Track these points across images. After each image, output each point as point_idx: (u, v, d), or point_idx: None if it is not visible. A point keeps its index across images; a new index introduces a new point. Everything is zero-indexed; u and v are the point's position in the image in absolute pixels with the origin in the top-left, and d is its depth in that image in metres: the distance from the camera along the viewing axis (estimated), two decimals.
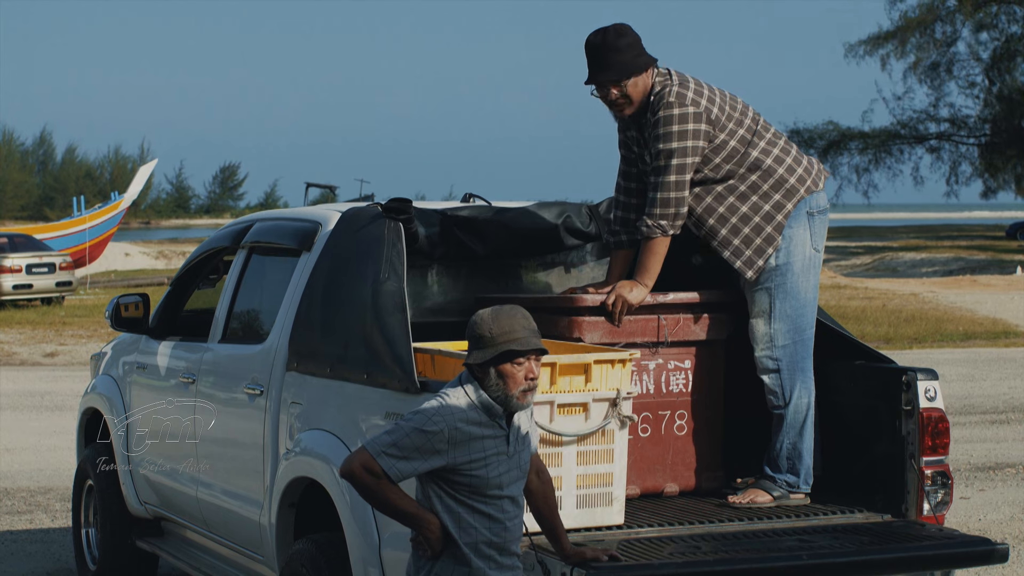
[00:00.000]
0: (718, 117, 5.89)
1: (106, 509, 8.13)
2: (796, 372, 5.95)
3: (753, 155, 5.94)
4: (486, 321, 4.55)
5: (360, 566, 5.55)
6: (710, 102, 5.90)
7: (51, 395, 17.70)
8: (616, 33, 5.93)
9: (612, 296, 5.85)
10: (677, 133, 5.83)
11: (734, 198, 5.92)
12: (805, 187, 5.99)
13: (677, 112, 5.84)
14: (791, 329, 5.94)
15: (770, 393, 5.98)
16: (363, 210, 6.23)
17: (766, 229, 5.92)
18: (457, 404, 4.54)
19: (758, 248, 5.91)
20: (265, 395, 6.42)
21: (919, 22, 56.61)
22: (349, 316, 5.86)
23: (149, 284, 38.26)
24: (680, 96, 5.86)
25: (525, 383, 4.53)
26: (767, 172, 5.94)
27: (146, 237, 77.83)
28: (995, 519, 10.25)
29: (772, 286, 5.93)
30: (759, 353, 5.97)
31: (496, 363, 4.52)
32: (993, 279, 38.40)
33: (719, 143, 5.90)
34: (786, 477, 5.95)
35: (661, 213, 5.87)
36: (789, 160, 6.00)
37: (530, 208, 6.50)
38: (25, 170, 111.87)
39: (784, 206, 5.93)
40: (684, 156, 5.83)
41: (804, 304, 5.96)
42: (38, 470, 12.53)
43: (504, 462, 4.58)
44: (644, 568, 4.99)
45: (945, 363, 19.81)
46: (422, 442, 4.48)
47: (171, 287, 7.92)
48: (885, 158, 59.91)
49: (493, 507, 4.57)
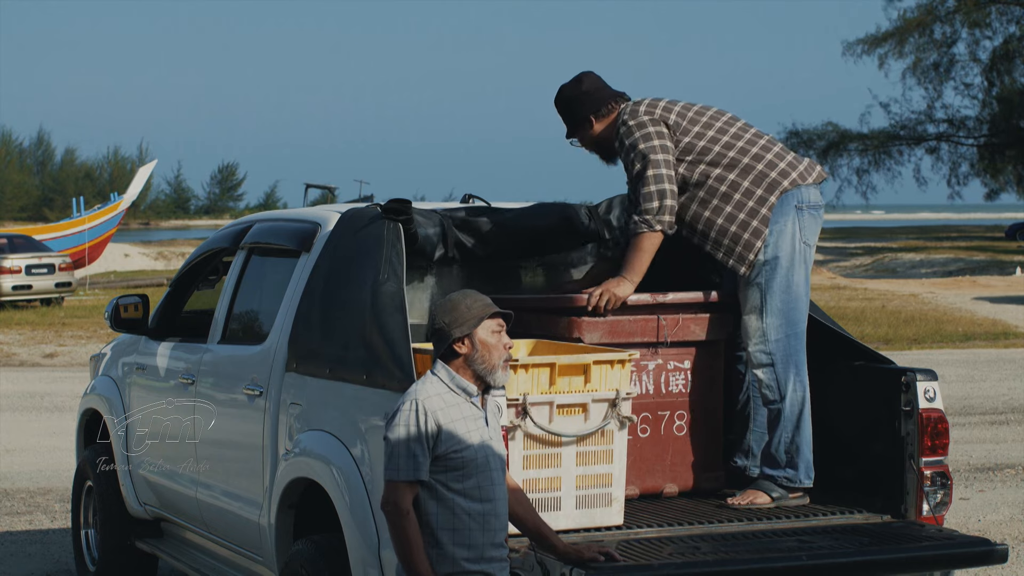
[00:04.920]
0: (677, 122, 6.05)
1: (105, 510, 8.12)
2: (790, 366, 5.96)
3: (730, 155, 6.02)
4: (456, 300, 4.78)
5: (359, 567, 5.55)
6: (665, 111, 6.08)
7: (50, 396, 17.70)
8: (560, 94, 6.26)
9: (599, 290, 5.89)
10: (640, 137, 6.00)
11: (717, 200, 5.99)
12: (789, 180, 6.02)
13: (633, 122, 6.05)
14: (783, 323, 5.96)
15: (765, 388, 5.99)
16: (362, 211, 6.23)
17: (752, 223, 5.96)
18: (432, 390, 4.68)
19: (746, 243, 5.95)
20: (264, 396, 6.41)
21: (918, 23, 56.62)
22: (348, 317, 5.86)
23: (148, 285, 38.26)
24: (633, 112, 6.09)
25: (505, 352, 4.74)
26: (746, 169, 6.01)
27: (145, 238, 77.82)
28: (994, 520, 10.25)
29: (762, 281, 5.96)
30: (752, 348, 5.99)
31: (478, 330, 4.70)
32: (993, 280, 38.41)
33: (686, 145, 6.02)
34: (785, 472, 5.95)
35: (644, 208, 5.94)
36: (770, 156, 6.07)
37: (530, 208, 6.51)
38: (24, 171, 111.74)
39: (767, 200, 5.98)
40: (652, 153, 5.96)
41: (796, 298, 5.98)
42: (37, 471, 12.53)
43: (486, 445, 4.67)
44: (644, 569, 4.99)
45: (944, 364, 19.81)
46: (416, 434, 4.59)
47: (170, 288, 7.92)
48: (884, 160, 59.93)
49: (483, 491, 4.65)
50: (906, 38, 56.77)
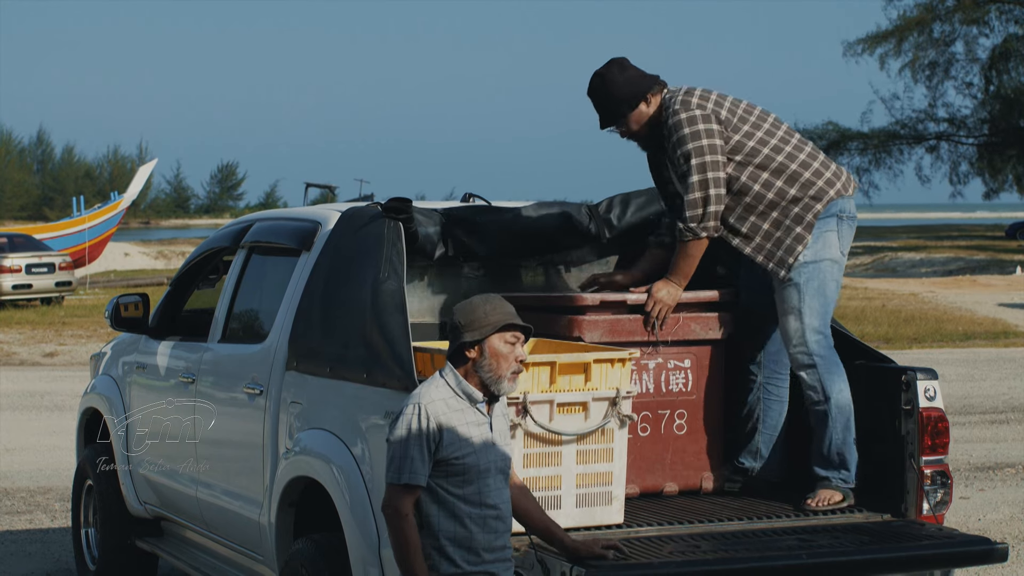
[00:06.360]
0: (728, 119, 5.94)
1: (106, 509, 8.12)
2: (832, 365, 5.93)
3: (778, 159, 5.96)
4: (477, 304, 4.72)
5: (360, 566, 5.55)
6: (717, 105, 5.96)
7: (51, 395, 17.70)
8: (600, 79, 6.04)
9: (651, 302, 5.90)
10: (690, 135, 5.89)
11: (763, 206, 5.94)
12: (835, 189, 6.02)
13: (684, 116, 5.91)
14: (821, 324, 5.94)
15: (809, 389, 5.94)
16: (363, 210, 6.23)
17: (796, 229, 5.93)
18: (437, 395, 4.67)
19: (788, 247, 5.92)
20: (265, 395, 6.42)
21: (917, 21, 56.59)
22: (349, 316, 5.86)
23: (149, 284, 38.25)
24: (684, 103, 5.94)
25: (516, 364, 4.69)
26: (793, 175, 5.96)
27: (146, 237, 77.78)
28: (994, 519, 10.26)
29: (801, 282, 5.93)
30: (793, 350, 5.95)
31: (491, 338, 4.65)
32: (993, 279, 38.40)
33: (735, 144, 5.93)
34: (839, 473, 5.90)
35: (690, 216, 5.89)
36: (816, 164, 6.03)
37: (530, 208, 6.51)
38: (24, 170, 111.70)
39: (813, 206, 5.95)
40: (702, 155, 5.87)
41: (829, 302, 5.98)
42: (38, 470, 12.54)
43: (491, 449, 4.67)
44: (644, 567, 4.99)
45: (945, 363, 19.81)
46: (417, 439, 4.58)
47: (171, 287, 7.92)
48: (885, 158, 59.89)
49: (484, 497, 4.65)
50: (906, 37, 56.75)
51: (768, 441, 6.17)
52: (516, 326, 4.70)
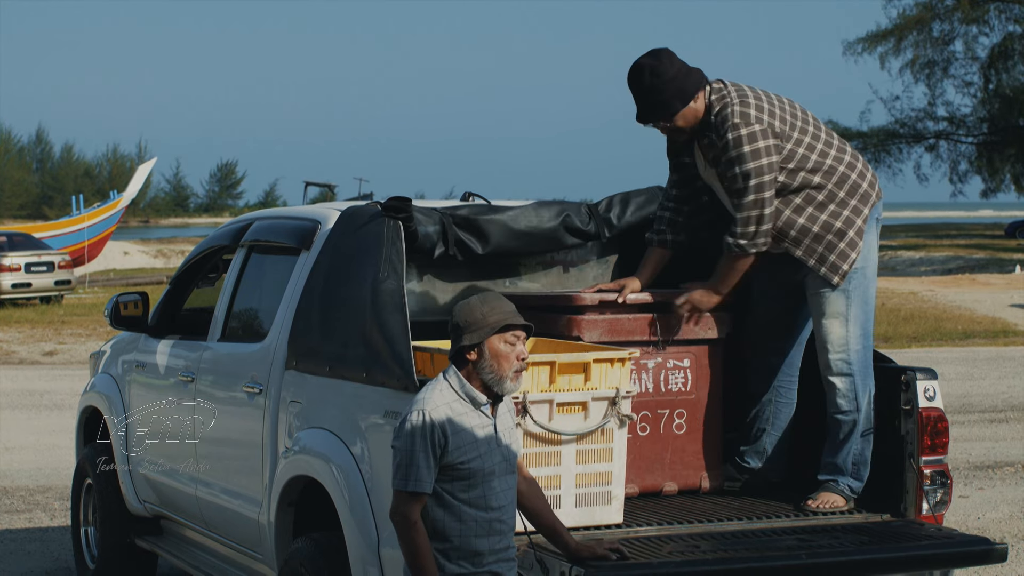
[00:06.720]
0: (782, 129, 5.85)
1: (105, 508, 8.12)
2: (868, 378, 5.91)
3: (826, 163, 5.91)
4: (475, 305, 4.69)
5: (359, 565, 5.55)
6: (771, 116, 5.85)
7: (50, 394, 17.70)
8: (652, 74, 5.85)
9: (683, 299, 5.89)
10: (749, 153, 5.79)
11: (813, 208, 5.88)
12: (876, 192, 6.00)
13: (744, 132, 5.79)
14: (863, 333, 5.92)
15: (841, 397, 5.90)
16: (362, 209, 6.23)
17: (848, 234, 5.88)
18: (441, 399, 4.64)
19: (842, 253, 5.87)
20: (264, 394, 6.42)
21: (917, 21, 56.58)
22: (348, 315, 5.86)
23: (148, 283, 38.25)
24: (744, 116, 5.81)
25: (517, 363, 4.66)
26: (842, 178, 5.91)
27: (145, 236, 77.76)
28: (994, 518, 10.26)
29: (850, 288, 5.90)
30: (833, 356, 5.90)
31: (491, 339, 4.63)
32: (992, 277, 38.39)
33: (788, 152, 5.85)
34: (848, 481, 5.89)
35: (741, 232, 5.84)
36: (860, 165, 6.00)
37: (530, 207, 6.50)
38: (23, 168, 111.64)
39: (862, 211, 5.92)
40: (761, 175, 5.79)
41: (871, 309, 5.97)
42: (37, 469, 12.54)
43: (495, 452, 4.65)
44: (643, 567, 4.99)
45: (944, 362, 19.82)
46: (423, 446, 4.57)
47: (170, 286, 7.92)
48: (884, 157, 59.89)
49: (489, 500, 4.64)
50: (905, 36, 56.74)
51: (774, 442, 6.16)
52: (516, 325, 4.69)
